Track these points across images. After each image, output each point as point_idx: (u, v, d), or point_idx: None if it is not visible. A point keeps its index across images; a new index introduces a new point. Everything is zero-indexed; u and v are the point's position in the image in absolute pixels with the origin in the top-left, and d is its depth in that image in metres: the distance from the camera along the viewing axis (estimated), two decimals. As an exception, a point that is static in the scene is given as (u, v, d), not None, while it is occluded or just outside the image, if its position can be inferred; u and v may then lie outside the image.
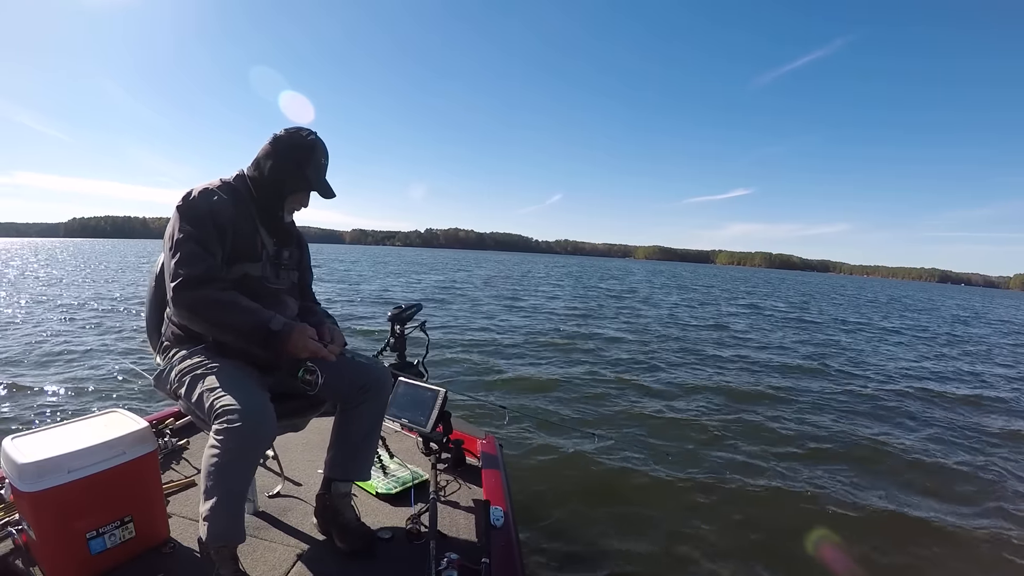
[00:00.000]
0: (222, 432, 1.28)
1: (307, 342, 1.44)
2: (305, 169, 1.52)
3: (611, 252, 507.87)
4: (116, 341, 6.60)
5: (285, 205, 1.58)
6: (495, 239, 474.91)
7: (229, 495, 1.32)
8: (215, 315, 1.39)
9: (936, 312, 23.24)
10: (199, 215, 1.43)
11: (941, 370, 8.07)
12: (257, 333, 1.38)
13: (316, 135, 1.55)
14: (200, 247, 1.40)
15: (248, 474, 1.37)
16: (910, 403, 5.78)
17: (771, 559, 2.59)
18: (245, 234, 1.52)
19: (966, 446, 4.43)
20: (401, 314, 2.41)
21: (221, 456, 1.28)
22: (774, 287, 36.31)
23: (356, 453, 1.66)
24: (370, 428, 1.68)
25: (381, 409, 1.69)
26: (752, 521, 2.91)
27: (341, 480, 1.66)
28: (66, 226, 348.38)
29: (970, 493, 3.50)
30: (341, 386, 1.60)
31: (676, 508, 3.02)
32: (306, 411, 1.68)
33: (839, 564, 2.58)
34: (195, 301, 1.38)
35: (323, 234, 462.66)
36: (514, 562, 1.54)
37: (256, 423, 1.29)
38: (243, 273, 1.50)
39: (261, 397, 1.37)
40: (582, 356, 7.16)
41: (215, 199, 1.47)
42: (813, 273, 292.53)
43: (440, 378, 5.22)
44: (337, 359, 1.58)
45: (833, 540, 2.76)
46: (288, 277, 1.66)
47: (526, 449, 3.60)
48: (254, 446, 1.32)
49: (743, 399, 5.44)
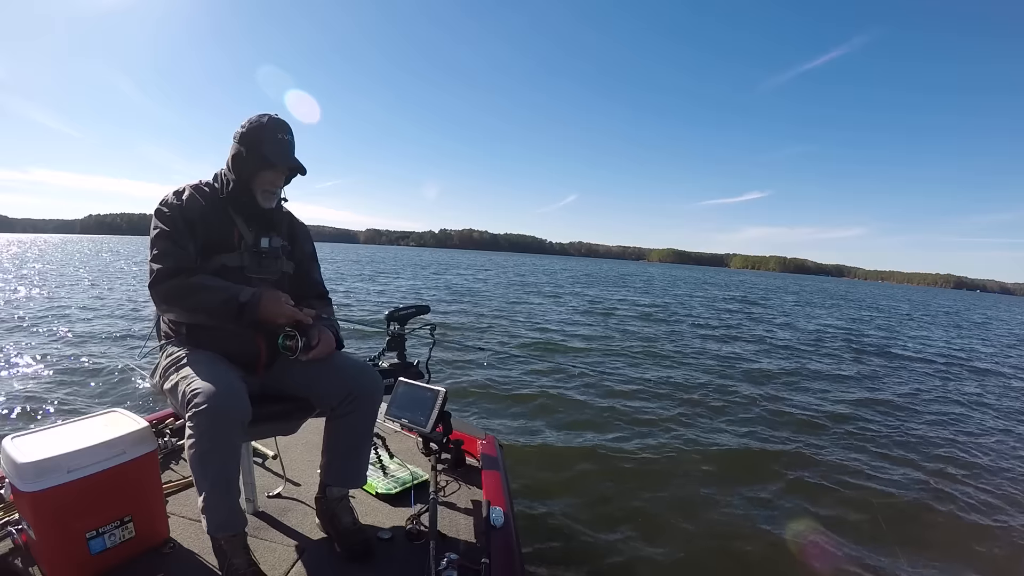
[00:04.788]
0: (193, 418, 1.30)
1: (281, 307, 1.45)
2: (261, 148, 1.52)
3: (625, 255, 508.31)
4: (117, 341, 6.59)
5: (255, 189, 1.57)
6: (509, 240, 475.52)
7: (217, 483, 1.33)
8: (187, 301, 1.44)
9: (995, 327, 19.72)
10: (170, 214, 1.50)
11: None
12: (228, 308, 1.41)
13: (272, 115, 1.56)
14: (170, 242, 1.47)
15: (229, 458, 1.35)
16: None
17: (772, 559, 2.60)
18: (219, 226, 1.55)
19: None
20: (397, 313, 2.41)
21: (197, 443, 1.30)
22: (806, 296, 31.07)
23: (347, 462, 1.63)
24: (359, 438, 1.64)
25: (370, 419, 1.64)
26: (753, 521, 2.91)
27: (335, 486, 1.65)
28: (82, 223, 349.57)
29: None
30: (329, 391, 1.57)
31: (677, 508, 3.01)
32: (296, 414, 1.64)
33: (834, 562, 2.58)
34: (168, 292, 1.44)
35: (337, 233, 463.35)
36: (514, 562, 1.54)
37: (222, 403, 1.30)
38: (220, 264, 1.54)
39: (228, 378, 1.37)
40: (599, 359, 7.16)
41: (185, 195, 1.54)
42: (829, 278, 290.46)
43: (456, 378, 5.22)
44: (328, 361, 1.57)
45: (828, 538, 2.76)
46: (275, 267, 1.65)
47: (526, 449, 3.60)
48: (225, 427, 1.31)
49: (756, 402, 5.44)
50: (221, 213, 1.58)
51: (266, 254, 1.61)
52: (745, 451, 3.94)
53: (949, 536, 2.96)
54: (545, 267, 51.56)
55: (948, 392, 6.70)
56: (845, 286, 75.88)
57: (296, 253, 1.76)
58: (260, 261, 1.60)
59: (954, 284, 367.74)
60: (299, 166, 1.60)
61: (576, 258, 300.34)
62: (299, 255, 1.77)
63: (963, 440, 4.64)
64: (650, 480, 3.31)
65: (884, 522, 2.94)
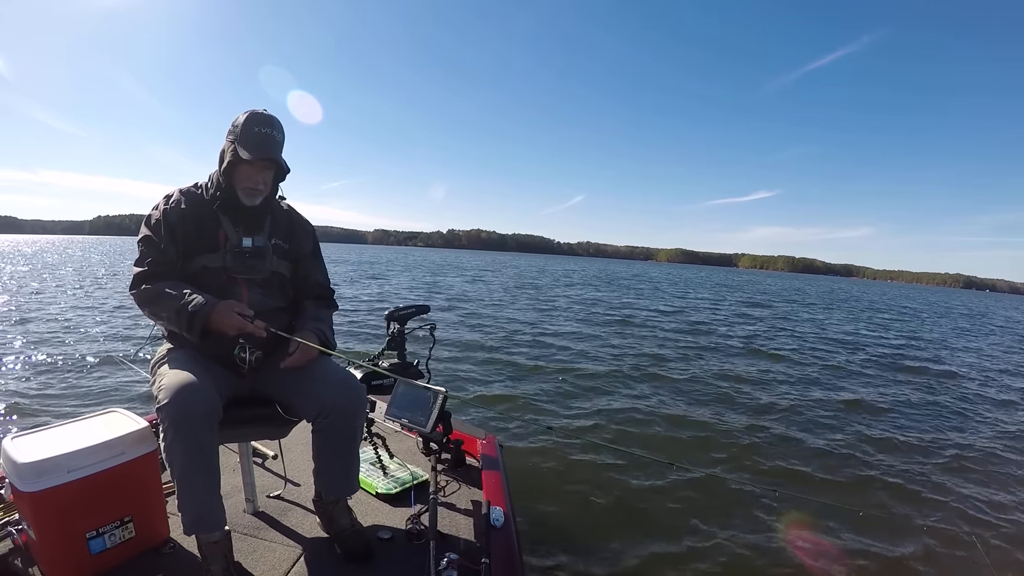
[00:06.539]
0: (158, 413, 1.31)
1: (230, 319, 1.42)
2: (238, 143, 1.48)
3: (633, 255, 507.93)
4: (117, 340, 6.60)
5: (237, 187, 1.54)
6: (517, 240, 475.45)
7: (185, 480, 1.33)
8: (150, 307, 1.47)
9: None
10: (153, 220, 1.52)
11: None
12: (180, 317, 1.41)
13: (259, 110, 1.53)
14: (148, 247, 1.49)
15: (196, 455, 1.32)
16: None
17: (772, 559, 2.59)
18: (203, 227, 1.54)
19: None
20: (397, 313, 2.40)
21: (163, 439, 1.31)
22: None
23: (333, 473, 1.60)
24: (342, 451, 1.59)
25: (349, 434, 1.58)
26: (754, 522, 2.91)
27: (326, 493, 1.63)
28: (91, 224, 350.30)
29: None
30: (304, 404, 1.53)
31: (677, 508, 3.01)
32: (283, 418, 1.60)
33: (830, 561, 2.58)
34: (138, 297, 1.49)
35: (346, 234, 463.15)
36: (514, 562, 1.54)
37: (182, 398, 1.29)
38: (201, 266, 1.53)
39: (194, 375, 1.36)
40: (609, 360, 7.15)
41: (171, 200, 1.55)
42: (838, 278, 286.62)
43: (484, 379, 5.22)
44: (307, 371, 1.53)
45: (831, 541, 2.76)
46: (263, 266, 1.60)
47: (526, 449, 3.60)
48: (187, 424, 1.30)
49: (764, 407, 5.44)
50: (207, 214, 1.56)
51: (250, 254, 1.57)
52: (745, 452, 3.94)
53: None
54: (554, 268, 51.28)
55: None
56: (859, 287, 74.93)
57: (294, 252, 1.71)
58: (244, 261, 1.56)
59: (963, 284, 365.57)
60: (275, 159, 1.52)
61: (585, 258, 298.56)
62: (297, 254, 1.72)
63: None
64: (650, 482, 3.30)
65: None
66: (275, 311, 1.61)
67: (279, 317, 1.62)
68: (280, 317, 1.62)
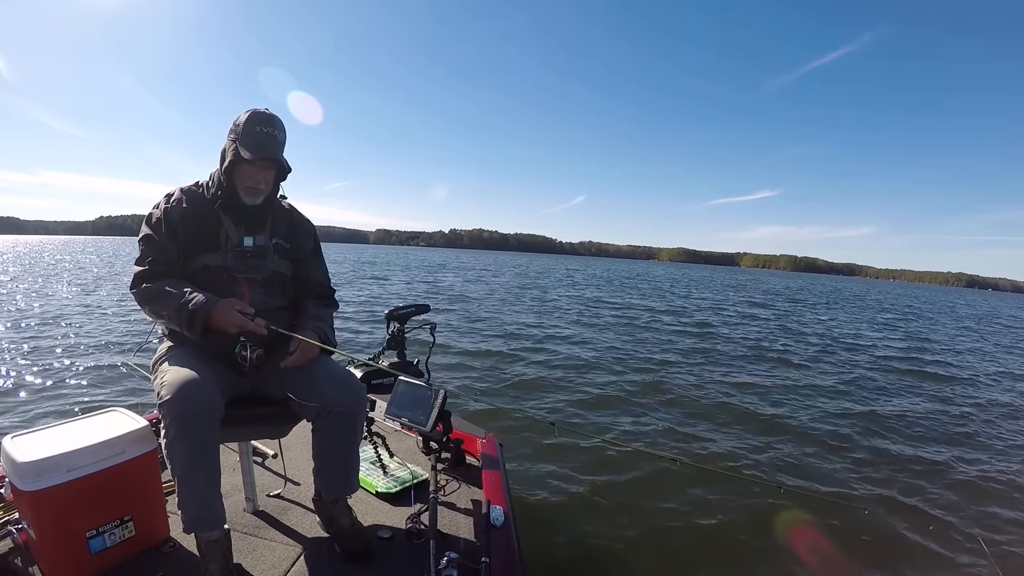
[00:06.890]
0: (159, 410, 1.31)
1: (231, 316, 1.42)
2: (239, 142, 1.48)
3: (635, 254, 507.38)
4: (117, 339, 6.61)
5: (238, 186, 1.54)
6: (519, 240, 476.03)
7: (185, 477, 1.33)
8: (151, 305, 1.47)
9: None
10: (154, 218, 1.53)
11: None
12: (181, 315, 1.41)
13: (261, 109, 1.52)
14: (149, 246, 1.50)
15: (197, 452, 1.32)
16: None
17: (776, 557, 2.59)
18: (204, 226, 1.55)
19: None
20: (397, 312, 2.40)
21: (164, 436, 1.31)
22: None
23: (333, 472, 1.61)
24: (342, 451, 1.60)
25: (350, 433, 1.59)
26: (758, 520, 2.90)
27: (326, 492, 1.64)
28: (93, 224, 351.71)
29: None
30: (304, 404, 1.53)
31: (680, 506, 3.00)
32: (284, 418, 1.61)
33: (829, 560, 2.57)
34: (138, 296, 1.49)
35: (348, 234, 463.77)
36: (514, 562, 1.54)
37: (185, 394, 1.30)
38: (202, 265, 1.54)
39: (196, 372, 1.36)
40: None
41: (172, 199, 1.56)
42: (841, 277, 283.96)
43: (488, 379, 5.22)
44: (308, 370, 1.54)
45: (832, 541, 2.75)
46: (264, 265, 1.60)
47: (526, 448, 3.59)
48: (188, 421, 1.30)
49: (763, 410, 5.42)
50: (208, 213, 1.56)
51: (251, 253, 1.58)
52: (749, 449, 3.93)
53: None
54: (556, 267, 51.20)
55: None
56: (862, 286, 74.29)
57: (295, 251, 1.71)
58: (245, 260, 1.57)
59: (966, 283, 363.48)
60: (276, 158, 1.52)
61: (587, 257, 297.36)
62: (298, 254, 1.72)
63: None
64: (651, 480, 3.30)
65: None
66: (276, 310, 1.62)
67: (280, 316, 1.62)
68: (281, 316, 1.63)
